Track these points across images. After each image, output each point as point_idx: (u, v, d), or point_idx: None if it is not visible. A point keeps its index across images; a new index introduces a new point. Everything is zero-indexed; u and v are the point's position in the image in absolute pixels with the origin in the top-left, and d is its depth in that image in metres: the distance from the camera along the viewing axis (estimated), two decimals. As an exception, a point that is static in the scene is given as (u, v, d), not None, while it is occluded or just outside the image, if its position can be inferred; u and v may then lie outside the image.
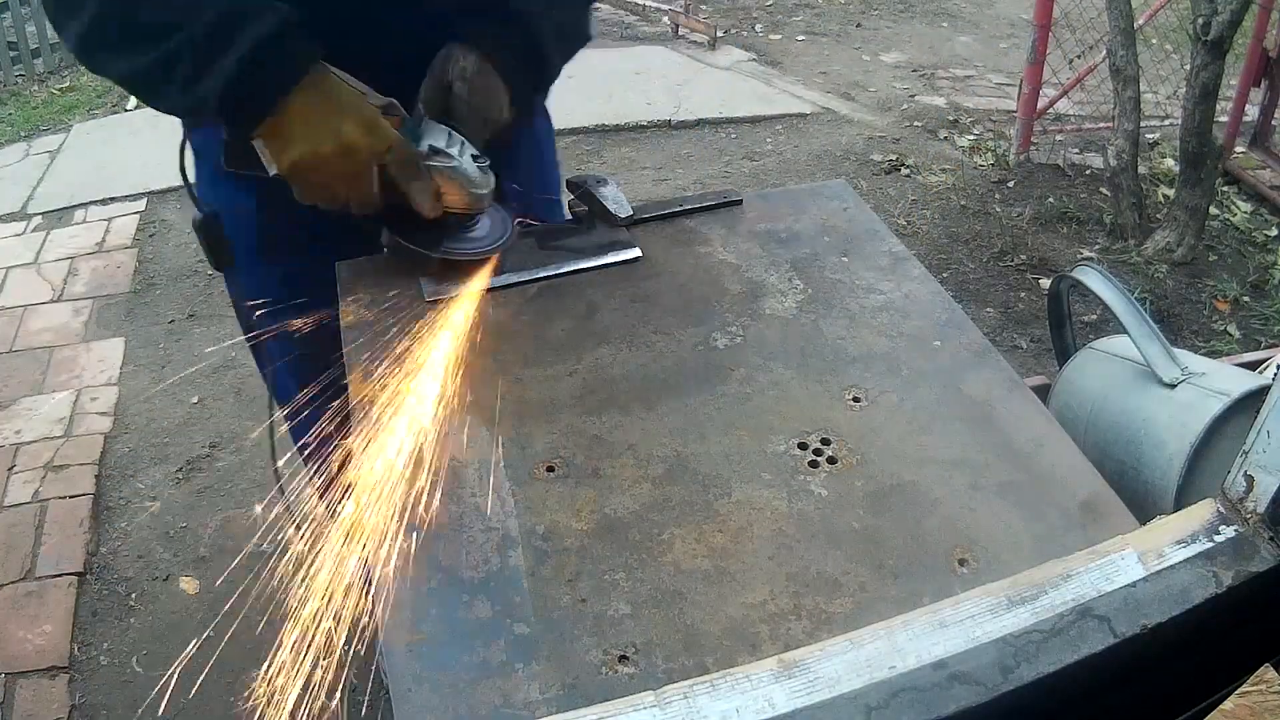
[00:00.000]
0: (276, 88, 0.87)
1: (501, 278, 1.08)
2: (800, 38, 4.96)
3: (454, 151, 1.01)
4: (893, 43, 4.88)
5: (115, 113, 4.28)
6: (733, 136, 3.92)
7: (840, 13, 5.27)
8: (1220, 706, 0.58)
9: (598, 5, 1.14)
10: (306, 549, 0.78)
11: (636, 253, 1.10)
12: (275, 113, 0.88)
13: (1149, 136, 3.59)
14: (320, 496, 0.87)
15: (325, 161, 0.91)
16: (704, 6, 5.13)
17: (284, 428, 1.22)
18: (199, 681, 1.89)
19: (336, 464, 0.85)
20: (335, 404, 0.92)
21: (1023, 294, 2.90)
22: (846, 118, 4.02)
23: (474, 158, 1.02)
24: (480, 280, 1.07)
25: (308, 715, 0.72)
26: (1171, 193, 3.14)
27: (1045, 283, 2.88)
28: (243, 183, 1.02)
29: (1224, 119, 3.40)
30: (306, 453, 0.96)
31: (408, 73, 1.02)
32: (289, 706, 0.71)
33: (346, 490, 0.82)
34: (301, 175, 0.92)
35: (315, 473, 0.88)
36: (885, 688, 0.51)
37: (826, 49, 4.81)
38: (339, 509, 0.81)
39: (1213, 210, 3.10)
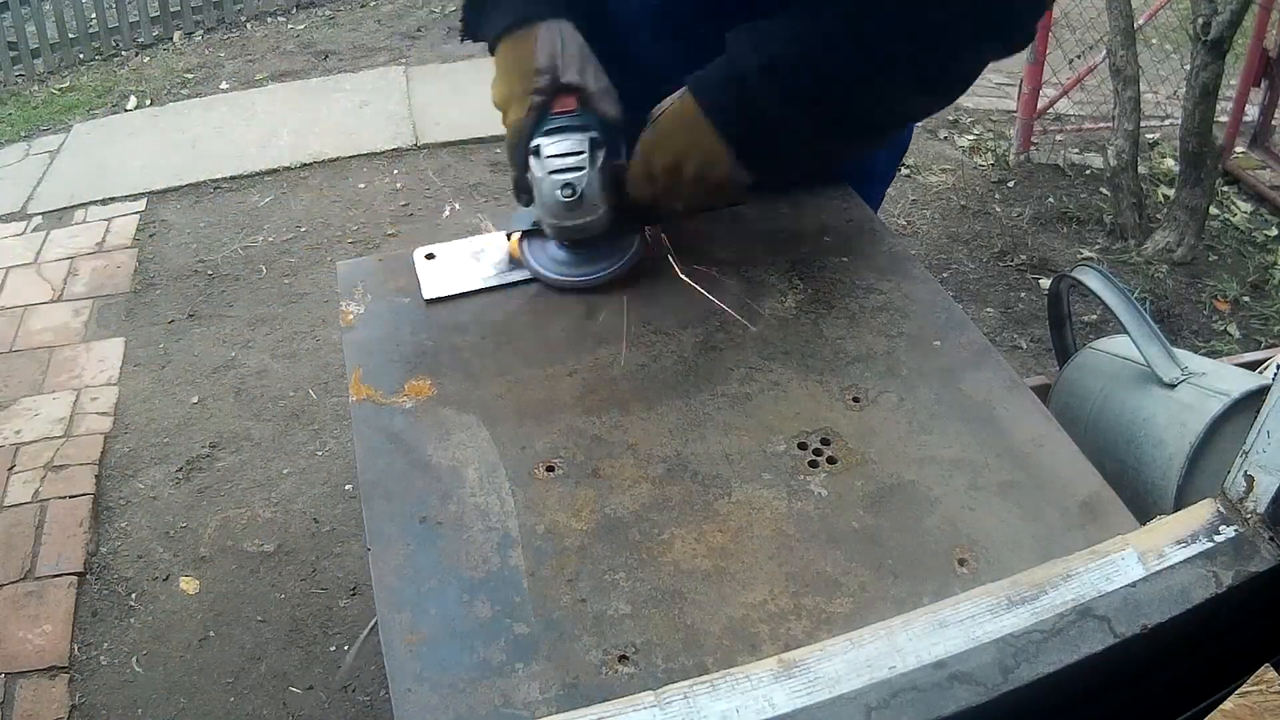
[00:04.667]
0: (493, 32, 1.04)
1: (501, 277, 1.08)
2: (800, 38, 4.95)
3: (541, 164, 0.98)
4: (893, 43, 4.87)
5: (115, 113, 4.28)
6: (733, 136, 3.92)
7: (840, 13, 5.27)
8: (1220, 706, 0.58)
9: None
10: None
11: (636, 253, 1.10)
12: (493, 50, 1.05)
13: (1149, 136, 3.58)
14: None
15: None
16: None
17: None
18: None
19: None
20: None
21: (1023, 294, 2.90)
22: (846, 118, 4.02)
23: (568, 187, 0.97)
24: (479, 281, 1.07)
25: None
26: (1171, 193, 3.14)
27: (1045, 283, 2.88)
28: None
29: (1224, 119, 3.40)
30: None
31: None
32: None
33: None
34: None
35: None
36: (885, 688, 0.51)
37: (826, 49, 4.80)
38: None
39: (1213, 210, 3.10)
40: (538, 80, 0.99)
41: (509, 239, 1.09)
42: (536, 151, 0.98)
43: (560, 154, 0.97)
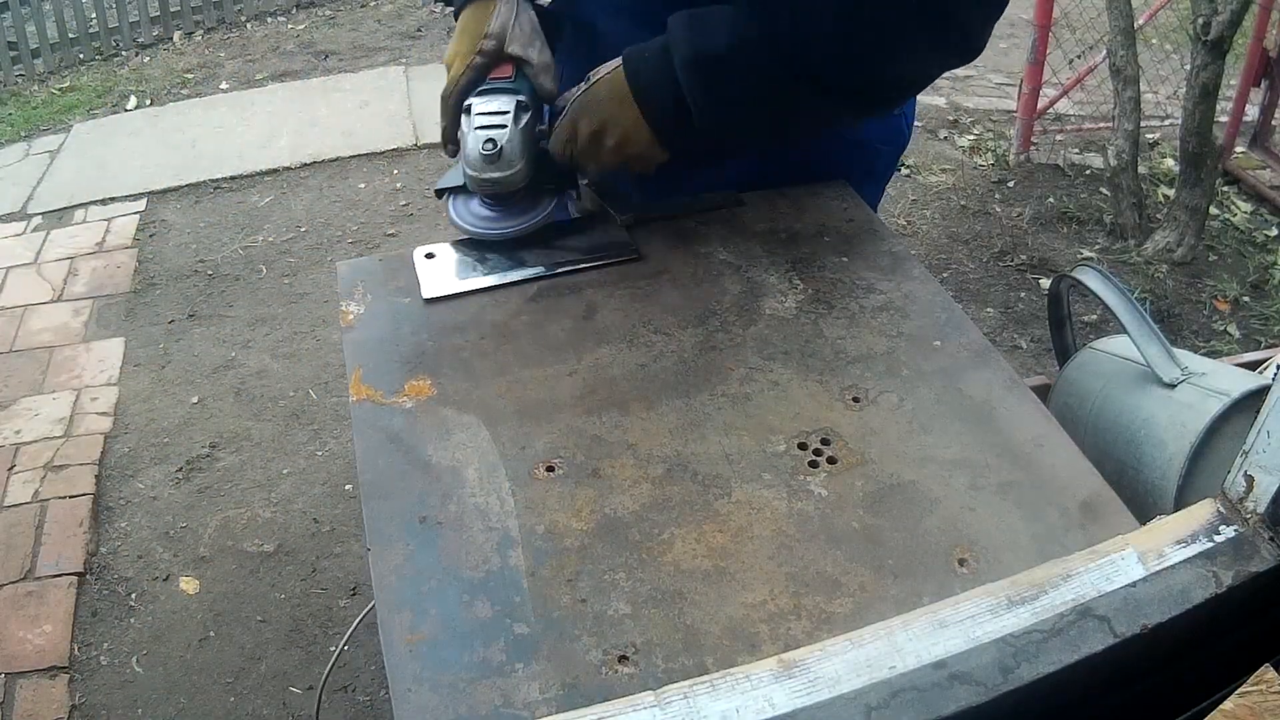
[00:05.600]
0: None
1: (501, 277, 1.08)
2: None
3: (467, 121, 1.04)
4: (893, 43, 4.86)
5: (115, 113, 4.28)
6: (733, 136, 3.92)
7: (840, 13, 5.26)
8: (1220, 706, 0.58)
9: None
10: None
11: (636, 253, 1.10)
12: (457, 15, 1.11)
13: (1149, 136, 3.59)
14: None
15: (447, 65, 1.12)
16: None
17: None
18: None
19: None
20: None
21: (1023, 294, 2.90)
22: (846, 118, 4.02)
23: (489, 142, 1.03)
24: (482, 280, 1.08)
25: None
26: (1171, 193, 3.14)
27: (1045, 283, 2.88)
28: None
29: (1224, 119, 3.40)
30: None
31: None
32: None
33: None
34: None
35: None
36: (885, 688, 0.51)
37: (826, 49, 4.80)
38: None
39: (1213, 210, 3.10)
40: (484, 44, 1.07)
41: (439, 197, 1.15)
42: (468, 110, 1.06)
43: (487, 112, 1.05)
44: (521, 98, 1.06)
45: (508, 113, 1.04)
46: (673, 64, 0.97)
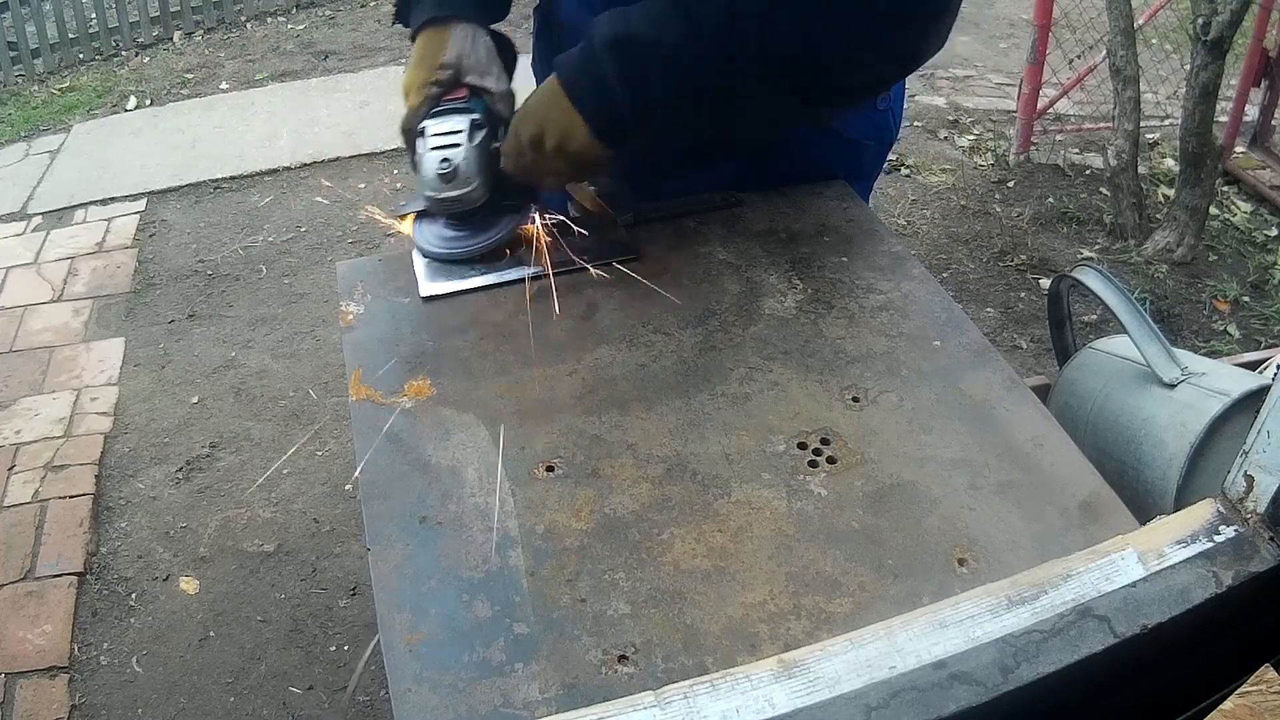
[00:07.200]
0: (415, 22, 1.12)
1: (501, 276, 1.08)
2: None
3: (422, 143, 1.05)
4: (893, 43, 4.86)
5: (115, 113, 4.28)
6: (733, 136, 3.92)
7: (840, 13, 5.26)
8: (1220, 706, 0.58)
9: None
10: None
11: (636, 253, 1.10)
12: (413, 39, 1.13)
13: (1149, 136, 3.58)
14: None
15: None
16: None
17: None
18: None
19: None
20: None
21: (1023, 294, 2.90)
22: (846, 118, 4.01)
23: (445, 161, 1.03)
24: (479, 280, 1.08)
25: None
26: (1171, 193, 3.14)
27: (1045, 283, 2.88)
28: None
29: (1224, 119, 3.40)
30: None
31: None
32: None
33: None
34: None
35: None
36: (885, 688, 0.51)
37: (826, 49, 4.79)
38: None
39: (1213, 210, 3.10)
40: (440, 74, 1.07)
41: (401, 220, 1.15)
42: (422, 132, 1.06)
43: (441, 132, 1.05)
44: (476, 116, 1.06)
45: (462, 131, 1.04)
46: (590, 50, 0.96)
